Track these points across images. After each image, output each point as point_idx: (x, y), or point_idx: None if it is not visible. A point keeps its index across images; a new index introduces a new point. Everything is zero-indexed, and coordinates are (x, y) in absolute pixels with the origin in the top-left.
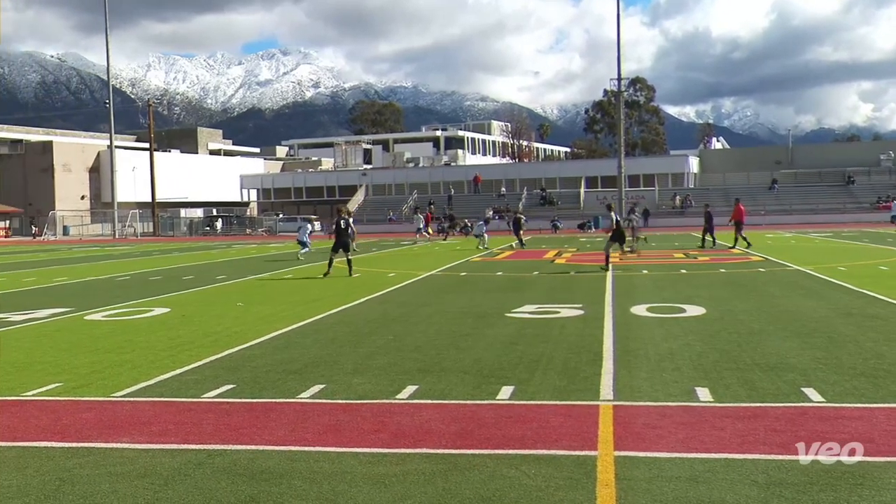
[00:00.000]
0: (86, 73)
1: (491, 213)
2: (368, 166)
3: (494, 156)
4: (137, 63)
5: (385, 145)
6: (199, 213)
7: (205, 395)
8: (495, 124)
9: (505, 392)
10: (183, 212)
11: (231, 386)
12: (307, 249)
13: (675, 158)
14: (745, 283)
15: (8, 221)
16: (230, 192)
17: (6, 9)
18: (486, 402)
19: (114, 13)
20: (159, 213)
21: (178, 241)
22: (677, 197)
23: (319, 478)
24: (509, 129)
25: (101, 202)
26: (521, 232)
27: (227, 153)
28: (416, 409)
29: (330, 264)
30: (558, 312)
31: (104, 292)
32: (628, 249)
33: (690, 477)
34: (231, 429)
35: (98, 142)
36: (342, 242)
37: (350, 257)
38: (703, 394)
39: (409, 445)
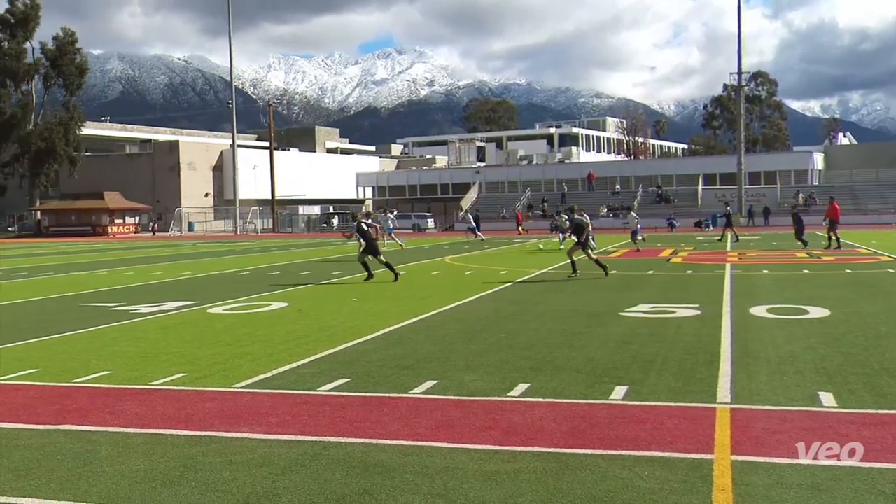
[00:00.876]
0: (210, 74)
1: (605, 209)
2: (482, 164)
3: (609, 153)
4: (259, 64)
5: (498, 143)
6: (316, 210)
7: (320, 389)
8: (610, 121)
9: (618, 392)
10: (301, 209)
11: (346, 380)
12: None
13: (799, 155)
14: (873, 284)
15: (137, 218)
16: (346, 190)
17: (136, 15)
18: (598, 401)
19: (237, 16)
20: (278, 209)
21: (295, 237)
22: (800, 195)
23: (432, 472)
24: (624, 125)
25: (223, 199)
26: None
27: (344, 151)
28: (527, 407)
29: (392, 268)
30: (674, 312)
31: (226, 286)
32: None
33: (812, 485)
34: (346, 421)
35: (221, 141)
36: (372, 247)
37: (365, 260)
38: (827, 399)
39: (520, 443)
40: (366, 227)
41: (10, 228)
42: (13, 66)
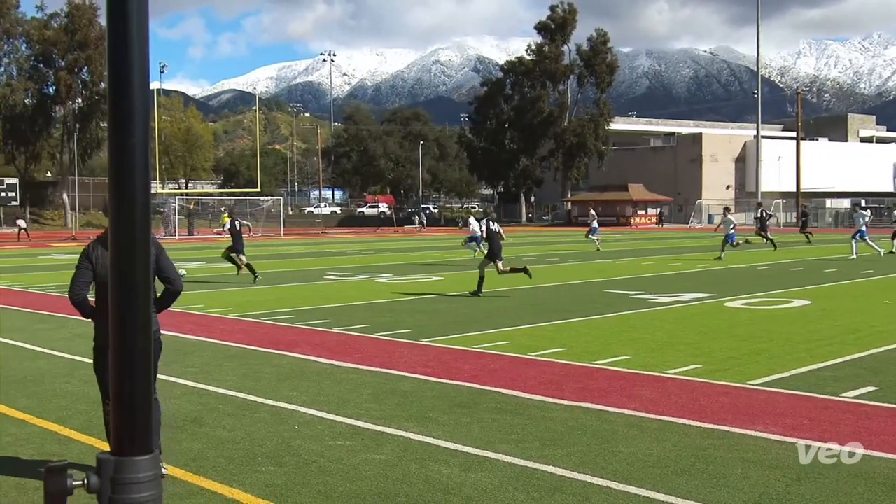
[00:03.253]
0: (735, 65)
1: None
2: None
3: None
4: (787, 51)
5: None
6: (845, 203)
7: (843, 395)
8: None
9: None
10: (828, 202)
11: (873, 388)
12: (474, 245)
13: None
14: None
15: (659, 209)
16: (882, 182)
17: (663, 11)
18: None
19: (765, 3)
20: (803, 203)
21: (821, 231)
22: None
23: None
24: None
25: (744, 192)
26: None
27: (880, 140)
28: None
29: (238, 266)
30: None
31: (745, 280)
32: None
33: None
34: (871, 433)
35: (744, 132)
36: (237, 245)
37: (234, 257)
38: None
39: None
40: (238, 226)
41: (544, 217)
42: (552, 69)
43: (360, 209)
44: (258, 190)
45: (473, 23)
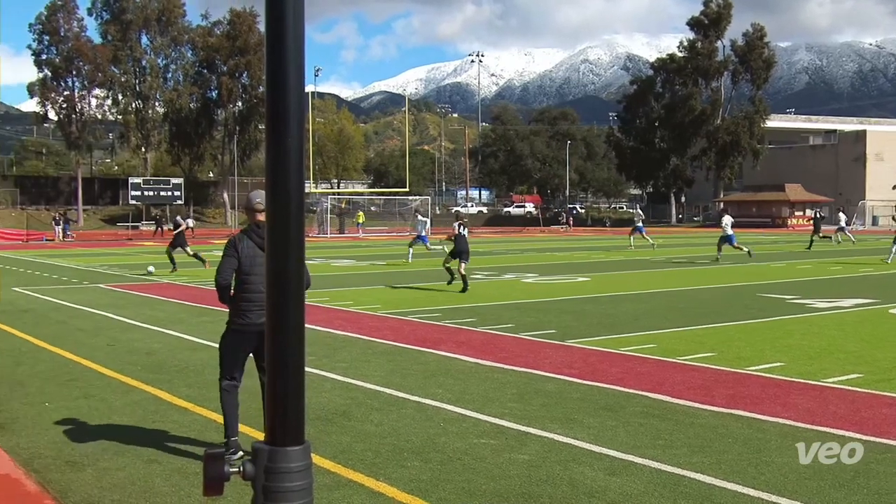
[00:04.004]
0: None
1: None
2: None
3: None
4: None
5: None
6: None
7: None
8: None
9: None
10: None
11: None
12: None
13: None
14: None
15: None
16: None
17: (824, 3)
18: None
19: None
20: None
21: None
22: None
23: None
24: None
25: None
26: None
27: None
28: None
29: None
30: None
31: None
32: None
33: None
34: None
35: None
36: (178, 241)
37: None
38: None
39: None
40: (188, 226)
41: (695, 218)
42: (705, 65)
43: (506, 209)
44: (407, 189)
45: (623, 20)
